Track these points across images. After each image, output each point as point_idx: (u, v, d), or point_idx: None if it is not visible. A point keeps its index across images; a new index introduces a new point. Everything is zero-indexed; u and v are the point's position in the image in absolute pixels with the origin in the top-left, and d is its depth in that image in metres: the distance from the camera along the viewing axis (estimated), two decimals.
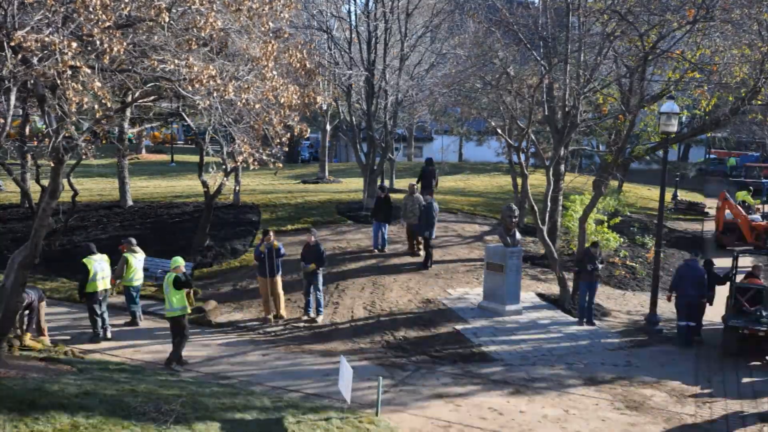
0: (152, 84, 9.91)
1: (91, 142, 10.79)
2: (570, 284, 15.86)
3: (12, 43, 7.12)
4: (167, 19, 7.86)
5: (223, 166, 16.50)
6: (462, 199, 25.61)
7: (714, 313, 14.51)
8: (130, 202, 22.10)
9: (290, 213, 21.00)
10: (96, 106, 8.47)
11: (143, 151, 48.70)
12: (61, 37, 7.19)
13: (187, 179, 33.02)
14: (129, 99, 13.51)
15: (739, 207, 23.19)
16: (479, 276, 16.45)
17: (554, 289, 16.31)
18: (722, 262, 17.01)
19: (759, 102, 14.17)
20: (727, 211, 23.00)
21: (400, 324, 13.92)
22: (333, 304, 14.79)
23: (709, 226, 25.92)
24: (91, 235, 19.32)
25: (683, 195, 32.47)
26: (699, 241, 23.49)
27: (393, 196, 26.09)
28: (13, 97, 7.92)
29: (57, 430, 7.53)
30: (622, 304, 16.52)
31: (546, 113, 16.66)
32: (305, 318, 14.20)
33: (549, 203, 16.98)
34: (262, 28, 9.41)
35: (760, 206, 25.59)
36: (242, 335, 13.58)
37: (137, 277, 13.92)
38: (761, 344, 12.82)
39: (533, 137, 19.35)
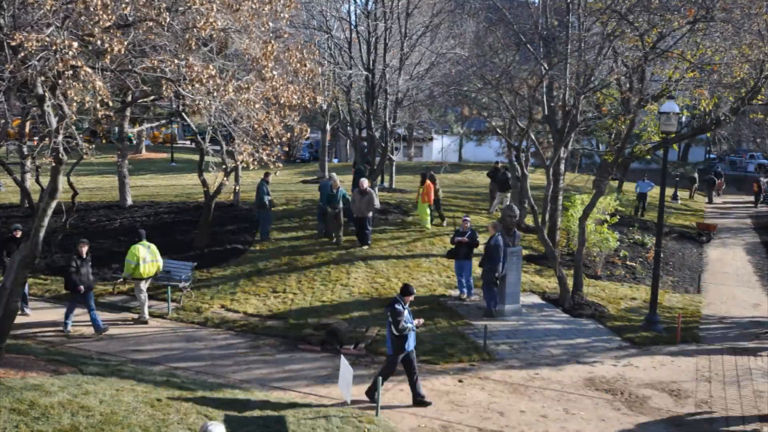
0: (152, 84, 9.91)
1: (91, 142, 10.79)
2: (570, 283, 15.85)
3: (12, 43, 7.12)
4: (167, 19, 7.86)
5: (223, 166, 16.52)
6: (463, 199, 25.62)
7: None
8: (130, 202, 22.10)
9: (290, 212, 21.00)
10: (96, 106, 8.46)
11: (143, 150, 48.71)
12: (62, 37, 7.19)
13: (187, 179, 33.02)
14: (129, 99, 13.51)
15: None
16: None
17: (555, 287, 16.31)
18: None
19: (759, 101, 14.16)
20: None
21: None
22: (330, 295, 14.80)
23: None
24: (91, 235, 19.32)
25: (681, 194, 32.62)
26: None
27: (392, 195, 26.16)
28: (12, 97, 7.92)
29: (57, 430, 7.53)
30: (620, 301, 16.50)
31: (546, 113, 16.66)
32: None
33: (549, 203, 16.99)
34: (262, 28, 9.41)
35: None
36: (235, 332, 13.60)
37: None
38: None
39: (533, 137, 19.38)
